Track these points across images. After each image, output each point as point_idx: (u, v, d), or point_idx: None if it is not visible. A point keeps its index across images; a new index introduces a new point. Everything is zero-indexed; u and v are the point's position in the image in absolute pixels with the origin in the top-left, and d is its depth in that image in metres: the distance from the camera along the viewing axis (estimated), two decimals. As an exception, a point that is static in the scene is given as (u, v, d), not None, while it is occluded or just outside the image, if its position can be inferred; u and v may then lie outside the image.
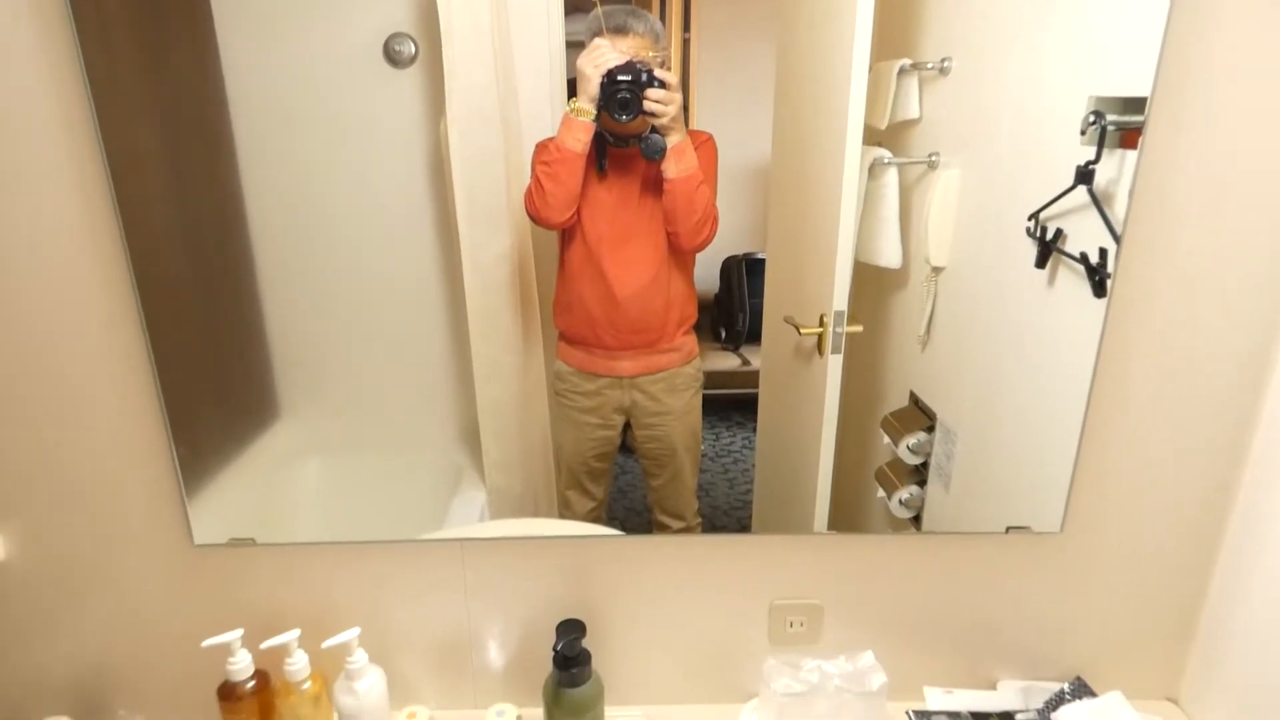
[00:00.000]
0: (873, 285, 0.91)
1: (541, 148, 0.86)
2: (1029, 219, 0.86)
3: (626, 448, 0.98)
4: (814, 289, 0.91)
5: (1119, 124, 0.80)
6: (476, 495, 0.95)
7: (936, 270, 0.91)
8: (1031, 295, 0.88)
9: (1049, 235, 0.86)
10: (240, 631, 0.90)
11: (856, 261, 0.90)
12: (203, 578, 0.96)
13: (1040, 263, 0.87)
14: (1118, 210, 0.82)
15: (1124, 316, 0.86)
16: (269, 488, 0.93)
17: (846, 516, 0.96)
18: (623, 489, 0.98)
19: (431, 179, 0.86)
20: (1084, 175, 0.83)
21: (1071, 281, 0.86)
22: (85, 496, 0.92)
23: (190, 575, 0.95)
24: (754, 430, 0.96)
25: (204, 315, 0.87)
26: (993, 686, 1.01)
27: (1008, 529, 0.93)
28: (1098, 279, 0.85)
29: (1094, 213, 0.83)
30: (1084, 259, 0.84)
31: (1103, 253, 0.83)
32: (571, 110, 0.85)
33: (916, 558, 0.96)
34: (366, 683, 0.91)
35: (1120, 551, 0.95)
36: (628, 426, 0.97)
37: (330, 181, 0.84)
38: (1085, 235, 0.84)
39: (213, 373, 0.88)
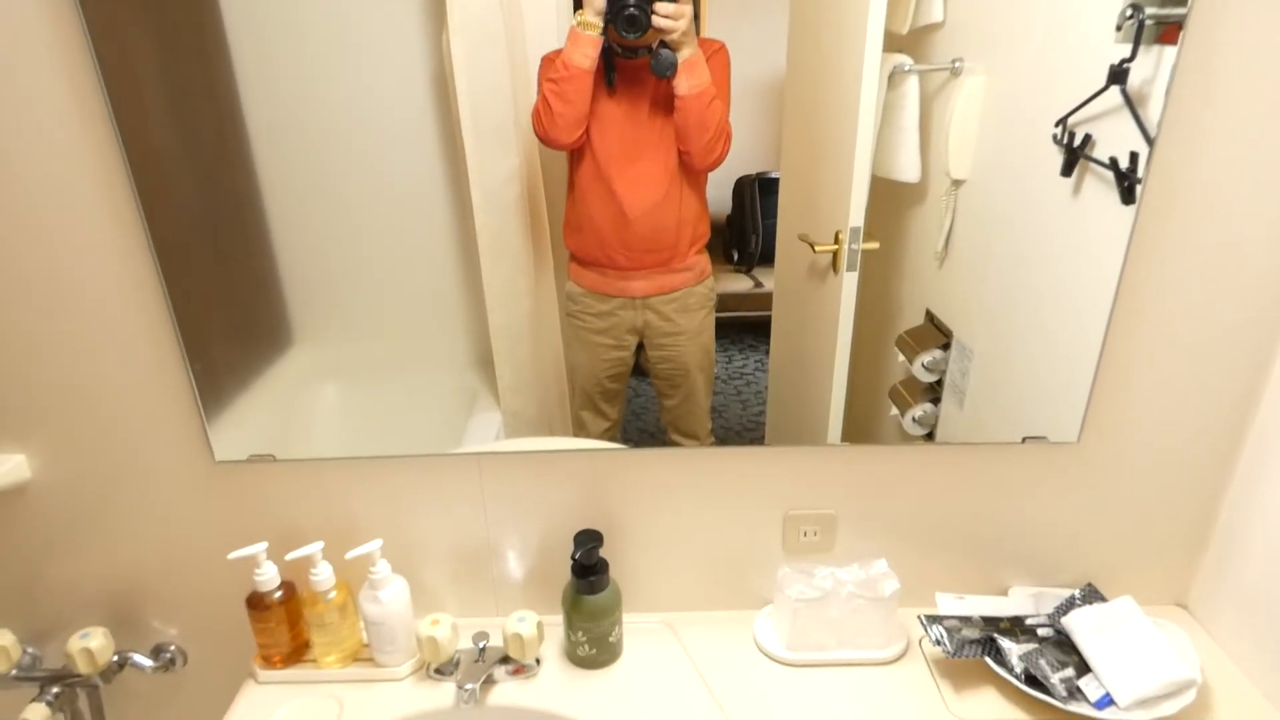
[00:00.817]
0: (890, 201, 0.89)
1: (548, 62, 0.83)
2: (1056, 125, 0.83)
3: (640, 369, 0.97)
4: (829, 206, 0.89)
5: (1158, 17, 0.76)
6: (492, 417, 0.95)
7: (956, 183, 0.89)
8: (1056, 205, 0.85)
9: (1076, 141, 0.83)
10: (264, 544, 0.92)
11: (874, 176, 0.87)
12: (226, 493, 0.97)
13: (1066, 171, 0.84)
14: (1151, 112, 0.79)
15: (1152, 223, 0.84)
16: (286, 412, 0.94)
17: (860, 433, 0.96)
18: (636, 411, 0.98)
19: (436, 97, 0.83)
20: (1118, 75, 0.79)
21: (1098, 190, 0.83)
22: (106, 419, 0.93)
23: (213, 491, 0.97)
24: (767, 353, 0.95)
25: (213, 241, 0.86)
26: (1004, 593, 1.03)
27: (1024, 439, 0.93)
28: (1126, 185, 0.82)
29: (1125, 115, 0.80)
30: (1113, 164, 0.82)
31: (1133, 157, 0.81)
32: (577, 24, 0.82)
33: (931, 468, 0.97)
34: (390, 591, 0.93)
35: (1137, 461, 0.95)
36: (641, 347, 0.97)
37: (331, 99, 0.82)
38: (1115, 140, 0.81)
39: (224, 298, 0.88)
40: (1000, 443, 0.94)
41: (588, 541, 0.93)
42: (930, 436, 0.96)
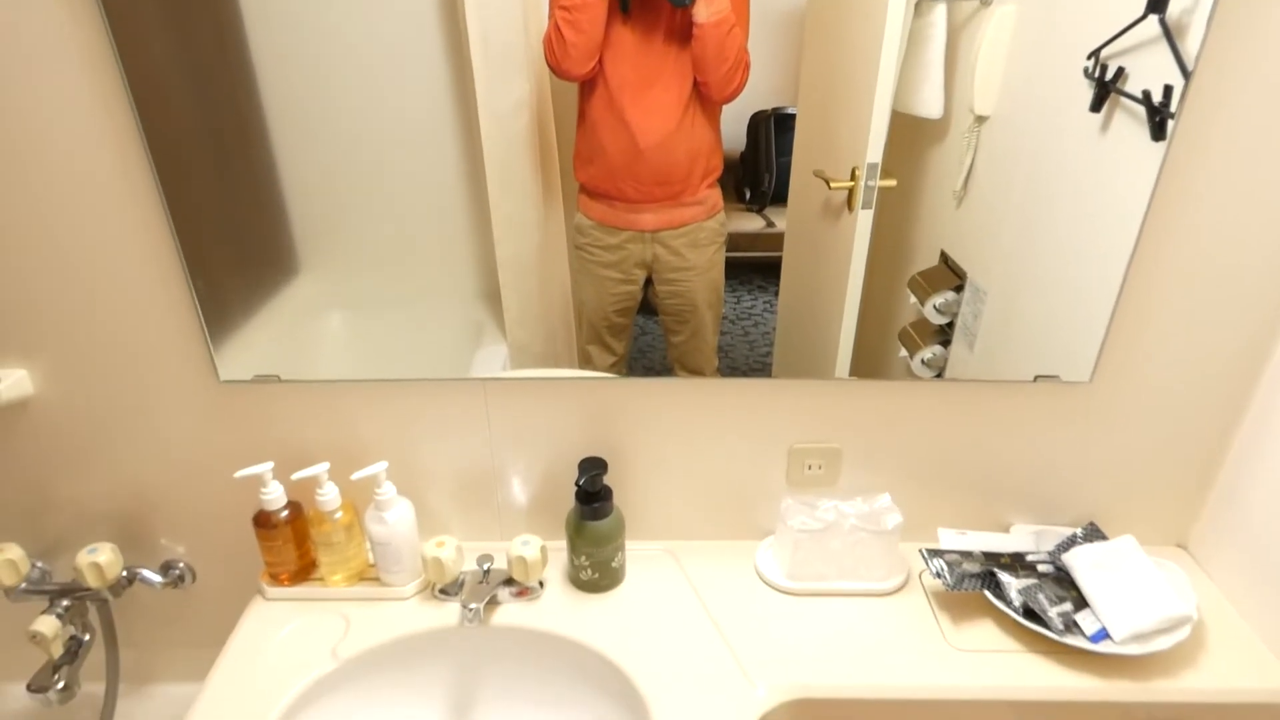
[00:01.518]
0: (909, 138, 0.86)
1: None
2: (1088, 58, 0.80)
3: (647, 305, 0.96)
4: (847, 141, 0.86)
5: (1205, -60, 0.73)
6: (498, 350, 0.94)
7: (980, 119, 0.86)
8: (1082, 142, 0.83)
9: (1108, 75, 0.80)
10: (270, 464, 0.92)
11: (894, 112, 0.84)
12: (231, 413, 0.97)
13: (1095, 106, 0.81)
14: (1189, 44, 0.76)
15: (1182, 159, 0.81)
16: (293, 340, 0.93)
17: (867, 374, 0.95)
18: (642, 349, 0.97)
19: (444, 18, 0.80)
20: (1156, 3, 0.76)
21: (1128, 125, 0.80)
22: (108, 336, 0.92)
23: (218, 411, 0.97)
24: (776, 294, 0.94)
25: (215, 163, 0.83)
26: (1006, 529, 1.04)
27: (1036, 377, 0.92)
28: (1158, 120, 0.79)
29: (1162, 46, 0.77)
30: (1145, 98, 0.79)
31: (1166, 91, 0.78)
32: None
33: (940, 405, 0.96)
34: (395, 513, 0.94)
35: (1147, 403, 0.95)
36: (649, 282, 0.95)
37: (337, 18, 0.78)
38: (1149, 73, 0.77)
39: (227, 220, 0.86)
40: (1011, 381, 0.93)
41: (592, 468, 0.94)
42: (939, 379, 0.96)
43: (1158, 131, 0.80)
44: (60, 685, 0.98)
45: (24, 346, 0.92)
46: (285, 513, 0.95)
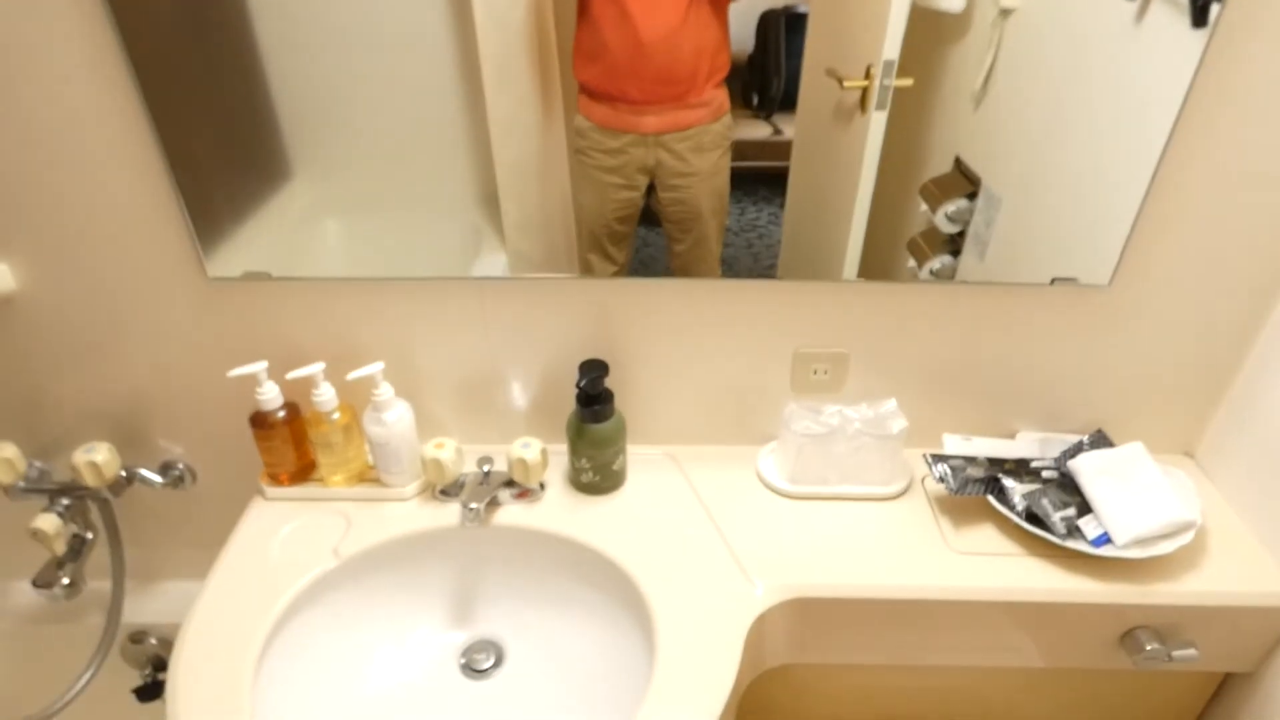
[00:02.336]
0: (927, 35, 0.80)
1: None
2: (1125, -64, 0.74)
3: (649, 215, 0.92)
4: (862, 37, 0.81)
5: None
6: (497, 259, 0.91)
7: (1004, 13, 0.80)
8: (1114, 34, 0.77)
9: (1147, -46, 0.74)
10: (264, 364, 0.90)
11: (913, 6, 0.78)
12: (222, 312, 0.94)
13: (1131, -10, 0.75)
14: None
15: (1224, 50, 0.75)
16: (287, 245, 0.90)
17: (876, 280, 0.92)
18: (644, 261, 0.93)
19: None
20: None
21: (1165, 13, 0.74)
22: (89, 230, 0.88)
23: (209, 309, 0.94)
24: (781, 206, 0.90)
25: (196, 57, 0.78)
26: (1011, 436, 1.03)
27: (1053, 280, 0.89)
28: (1200, 4, 0.74)
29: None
30: (1190, -26, 0.73)
31: (1213, -30, 0.72)
32: None
33: (950, 309, 0.93)
34: (394, 414, 0.93)
35: (1166, 309, 0.92)
36: (651, 188, 0.91)
37: None
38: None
39: (210, 115, 0.81)
40: (1027, 284, 0.90)
41: (593, 370, 0.92)
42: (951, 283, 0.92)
43: (1199, 17, 0.74)
44: (65, 581, 0.99)
45: (1, 239, 0.89)
46: (282, 413, 0.93)
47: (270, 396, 0.92)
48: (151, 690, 1.19)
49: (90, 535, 1.04)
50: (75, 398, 1.02)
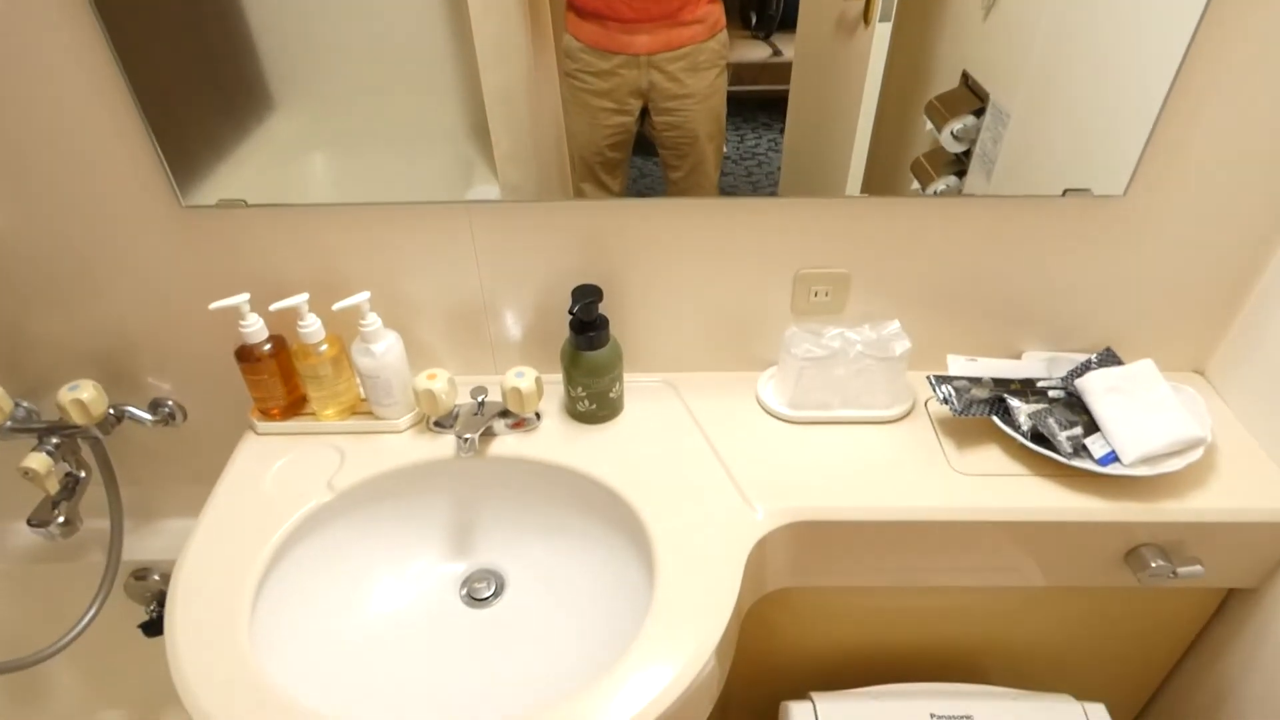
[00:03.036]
0: None
1: None
2: None
3: (644, 144, 0.88)
4: None
5: None
6: (489, 190, 0.87)
7: None
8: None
9: None
10: (246, 295, 0.87)
11: None
12: (200, 243, 0.91)
13: None
14: None
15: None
16: (271, 181, 0.86)
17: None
18: (640, 192, 0.89)
19: None
20: None
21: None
22: (58, 168, 0.85)
23: (187, 240, 0.91)
24: (781, 132, 0.85)
25: None
26: (1018, 357, 1.00)
27: (1065, 191, 0.85)
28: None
29: None
30: None
31: None
32: None
33: (957, 225, 0.89)
34: (383, 345, 0.90)
35: (1181, 220, 0.88)
36: (645, 113, 0.86)
37: None
38: None
39: (182, 46, 0.77)
40: (1038, 195, 0.86)
41: (586, 296, 0.89)
42: (958, 195, 0.88)
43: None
44: (61, 520, 0.99)
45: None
46: (268, 346, 0.91)
47: (255, 329, 0.89)
48: (157, 625, 1.20)
49: (83, 474, 1.03)
50: (58, 336, 1.00)
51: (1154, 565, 0.84)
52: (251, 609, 0.78)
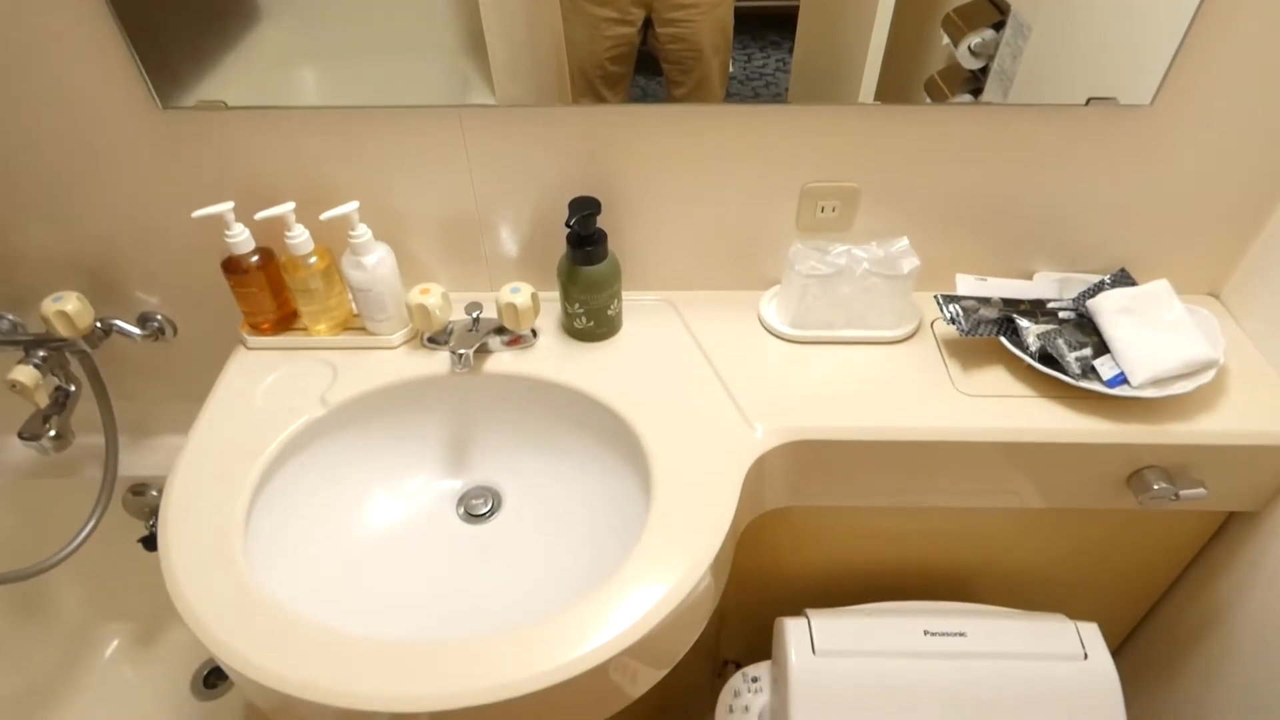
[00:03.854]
0: None
1: None
2: None
3: (648, 60, 0.83)
4: None
5: None
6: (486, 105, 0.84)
7: None
8: None
9: None
10: (231, 204, 0.84)
11: None
12: (182, 149, 0.87)
13: None
14: None
15: None
16: (255, 89, 0.82)
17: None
18: None
19: None
20: None
21: None
22: (30, 74, 0.80)
23: (168, 146, 0.87)
24: (789, 51, 0.80)
25: None
26: (1029, 277, 0.97)
27: (1089, 100, 0.81)
28: None
29: None
30: None
31: None
32: None
33: (974, 135, 0.85)
34: (374, 257, 0.87)
35: (1208, 134, 0.84)
36: (648, 23, 0.81)
37: None
38: None
39: None
40: (1060, 104, 0.82)
41: (583, 208, 0.85)
42: (975, 103, 0.84)
43: None
44: (52, 433, 0.98)
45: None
46: (255, 258, 0.88)
47: (241, 240, 0.86)
48: (156, 540, 1.20)
49: (73, 388, 1.01)
50: (41, 247, 0.97)
51: (1156, 488, 0.84)
52: (245, 523, 0.78)
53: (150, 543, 1.21)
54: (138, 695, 1.35)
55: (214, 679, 1.37)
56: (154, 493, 1.18)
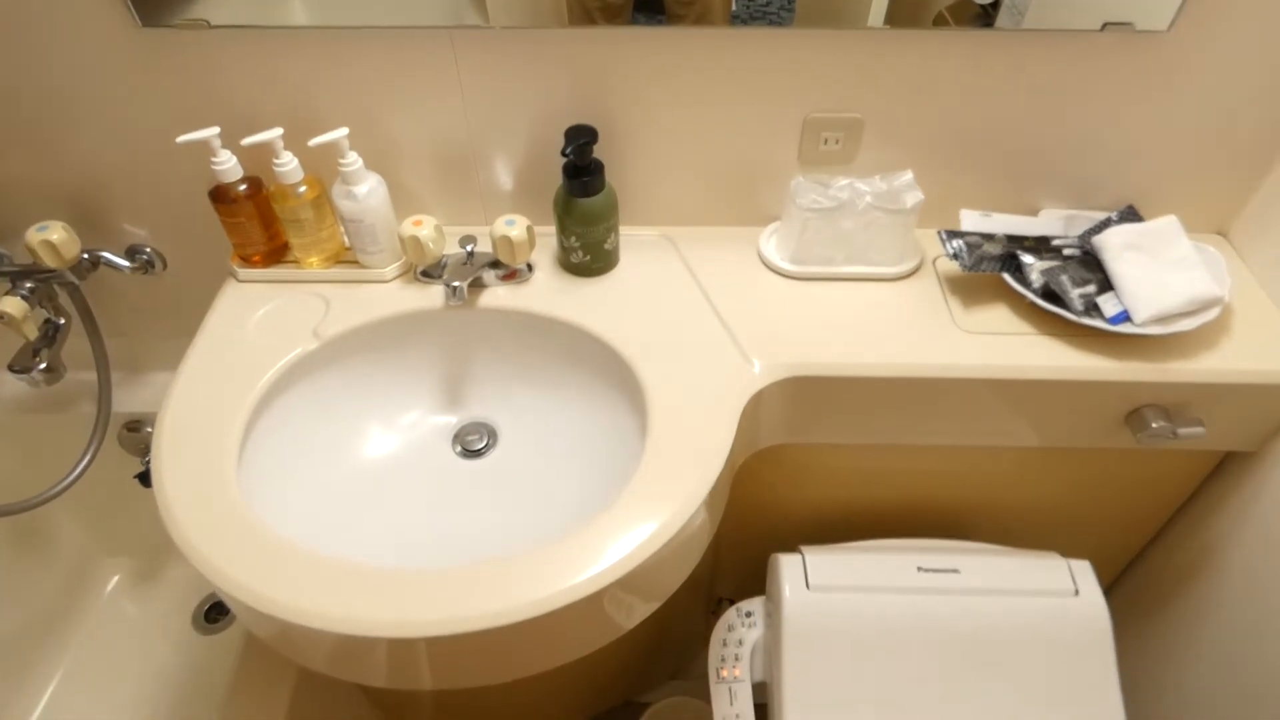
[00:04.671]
0: None
1: None
2: None
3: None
4: None
5: None
6: None
7: None
8: None
9: None
10: (216, 129, 0.82)
11: None
12: (166, 73, 0.84)
13: None
14: None
15: None
16: (246, 16, 0.79)
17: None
18: None
19: None
20: None
21: None
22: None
23: (150, 70, 0.84)
24: None
25: None
26: (1034, 214, 0.95)
27: (1104, 25, 0.78)
28: None
29: None
30: None
31: None
32: None
33: (983, 63, 0.82)
34: (365, 187, 0.85)
35: (1225, 64, 0.81)
36: None
37: None
38: None
39: None
40: (1073, 30, 0.79)
41: (580, 136, 0.83)
42: (987, 28, 0.81)
43: None
44: (42, 366, 0.96)
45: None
46: (243, 187, 0.86)
47: (228, 167, 0.84)
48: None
49: (63, 321, 1.00)
50: (24, 176, 0.94)
51: (1154, 426, 0.83)
52: (239, 456, 0.77)
53: (147, 479, 1.21)
54: (139, 630, 1.37)
55: (215, 614, 1.39)
56: (149, 429, 1.18)
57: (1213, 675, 0.98)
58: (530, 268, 0.93)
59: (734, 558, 1.22)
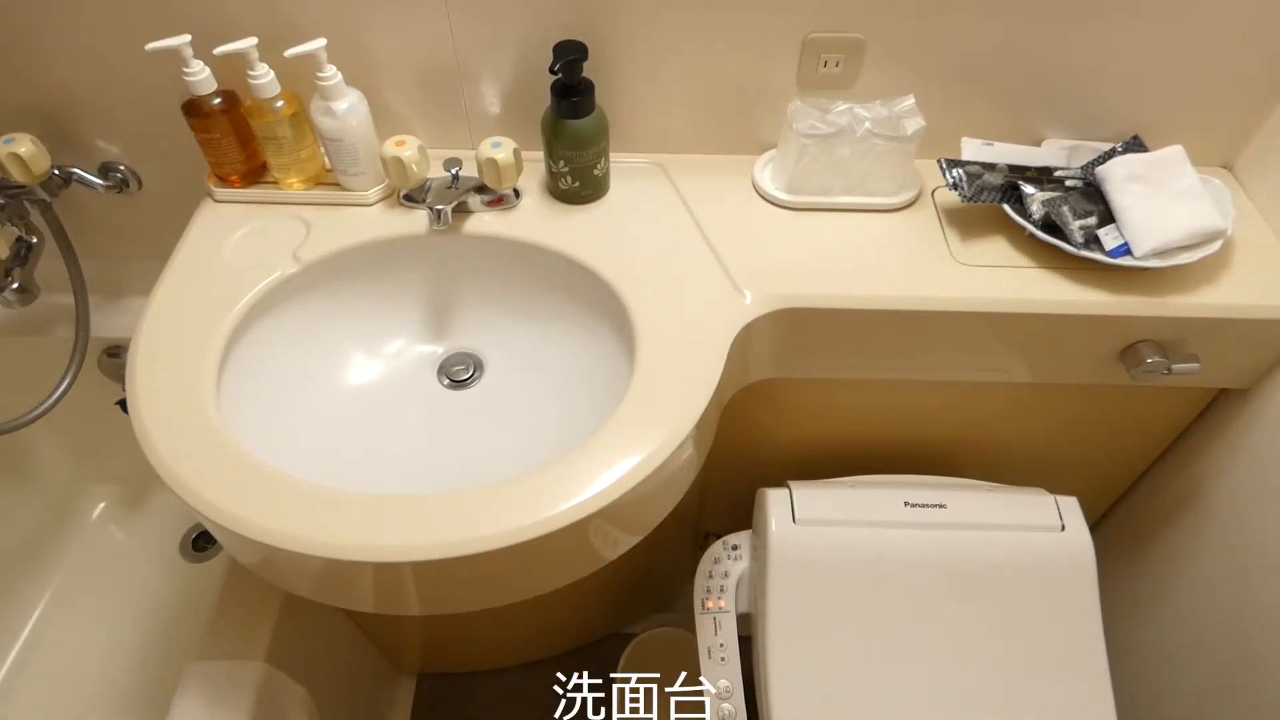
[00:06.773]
0: None
1: None
2: None
3: None
4: None
5: None
6: None
7: None
8: None
9: None
10: (187, 36, 0.78)
11: None
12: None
13: None
14: None
15: None
16: None
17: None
18: None
19: None
20: None
21: None
22: None
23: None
24: None
25: None
26: (1037, 144, 0.93)
27: (1120, -60, 0.74)
28: None
29: None
30: None
31: None
32: None
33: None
34: (345, 104, 0.82)
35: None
36: None
37: None
38: None
39: None
40: (1087, -55, 0.76)
41: (569, 53, 0.79)
42: None
43: None
44: (15, 285, 0.94)
45: None
46: (218, 100, 0.82)
47: (201, 79, 0.80)
48: (136, 403, 1.19)
49: (35, 239, 0.97)
50: (-11, 89, 0.90)
51: (1150, 361, 0.82)
52: (217, 380, 0.75)
53: (127, 405, 1.19)
54: (126, 557, 1.37)
55: (203, 542, 1.39)
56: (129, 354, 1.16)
57: (1196, 609, 1.00)
58: (518, 194, 0.90)
59: (722, 494, 1.22)
